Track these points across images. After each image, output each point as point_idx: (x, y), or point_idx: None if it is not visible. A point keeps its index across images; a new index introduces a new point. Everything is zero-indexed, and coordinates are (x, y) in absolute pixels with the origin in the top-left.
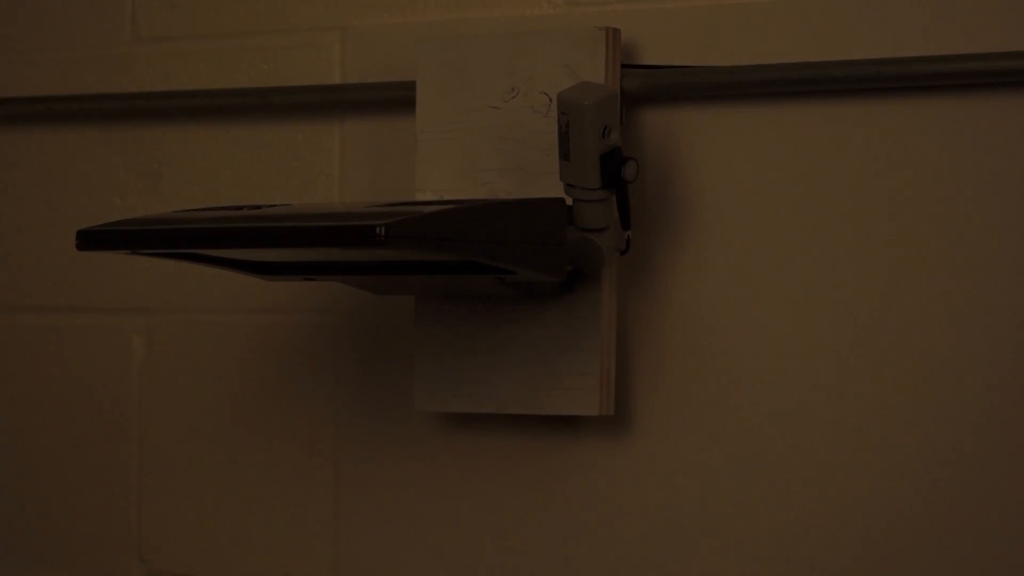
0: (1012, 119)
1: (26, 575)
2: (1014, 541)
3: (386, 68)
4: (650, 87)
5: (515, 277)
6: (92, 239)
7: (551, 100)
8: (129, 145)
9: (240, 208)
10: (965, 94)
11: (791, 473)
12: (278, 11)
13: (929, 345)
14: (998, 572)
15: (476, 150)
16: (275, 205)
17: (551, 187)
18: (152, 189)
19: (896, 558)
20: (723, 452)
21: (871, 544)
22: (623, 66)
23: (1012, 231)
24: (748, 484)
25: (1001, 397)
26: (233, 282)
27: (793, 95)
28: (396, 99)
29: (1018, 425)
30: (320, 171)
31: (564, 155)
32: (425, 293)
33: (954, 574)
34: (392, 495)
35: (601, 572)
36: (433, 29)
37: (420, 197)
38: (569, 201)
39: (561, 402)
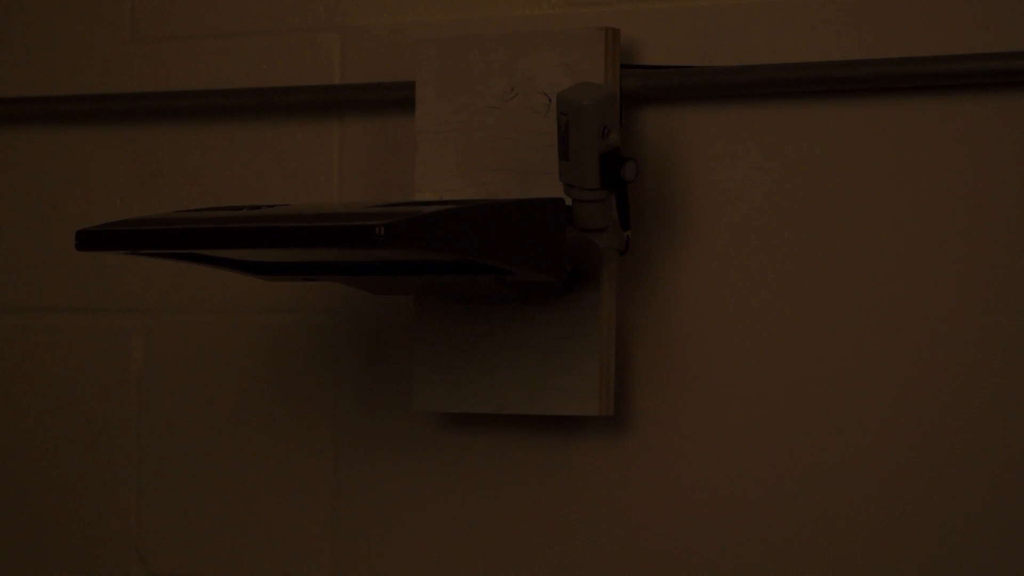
0: (1012, 119)
1: (26, 575)
2: (1014, 542)
3: (386, 68)
4: (649, 87)
5: (515, 277)
6: (92, 239)
7: (551, 100)
8: (129, 145)
9: (240, 208)
10: (965, 94)
11: (790, 473)
12: (278, 11)
13: (930, 344)
14: (998, 572)
15: (475, 150)
16: (275, 205)
17: (551, 187)
18: (152, 189)
19: (896, 559)
20: (722, 452)
21: (871, 544)
22: (623, 66)
23: (1012, 231)
24: (747, 484)
25: (1002, 397)
26: (233, 282)
27: (793, 95)
28: (396, 99)
29: (1019, 426)
30: (320, 171)
31: (564, 155)
32: (425, 293)
33: (954, 574)
34: (392, 495)
35: (601, 571)
36: (433, 29)
37: (420, 197)
38: (569, 201)
39: (561, 402)
